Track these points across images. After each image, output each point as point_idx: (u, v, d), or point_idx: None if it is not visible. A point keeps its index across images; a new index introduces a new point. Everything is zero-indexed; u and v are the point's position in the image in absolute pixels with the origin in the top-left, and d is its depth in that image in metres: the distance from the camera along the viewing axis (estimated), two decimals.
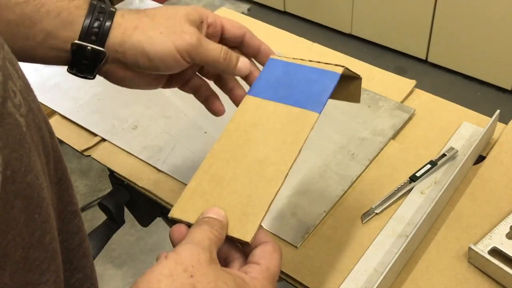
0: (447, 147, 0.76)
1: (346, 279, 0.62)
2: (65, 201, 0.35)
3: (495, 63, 2.06)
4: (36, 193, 0.29)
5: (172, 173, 0.75)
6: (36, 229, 0.29)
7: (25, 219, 0.28)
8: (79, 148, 0.80)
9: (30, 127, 0.30)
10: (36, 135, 0.31)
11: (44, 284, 0.29)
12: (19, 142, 0.28)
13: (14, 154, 0.27)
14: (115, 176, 0.78)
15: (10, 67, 0.30)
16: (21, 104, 0.29)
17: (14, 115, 0.28)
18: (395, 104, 0.83)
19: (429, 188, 0.71)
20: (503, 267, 0.59)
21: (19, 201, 0.27)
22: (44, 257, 0.29)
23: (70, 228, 0.36)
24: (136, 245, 1.71)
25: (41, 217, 0.29)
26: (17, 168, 0.27)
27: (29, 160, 0.28)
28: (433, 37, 2.16)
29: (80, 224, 0.38)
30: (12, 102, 0.28)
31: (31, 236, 0.28)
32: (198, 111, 0.85)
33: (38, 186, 0.29)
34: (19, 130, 0.28)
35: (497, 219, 0.66)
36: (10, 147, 0.27)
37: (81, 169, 1.92)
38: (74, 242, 0.37)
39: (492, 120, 0.75)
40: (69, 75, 0.56)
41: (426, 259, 0.64)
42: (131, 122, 0.84)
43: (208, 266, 0.41)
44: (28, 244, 0.28)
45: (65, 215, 0.35)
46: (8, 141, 0.27)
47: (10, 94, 0.28)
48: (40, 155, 0.31)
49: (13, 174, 0.27)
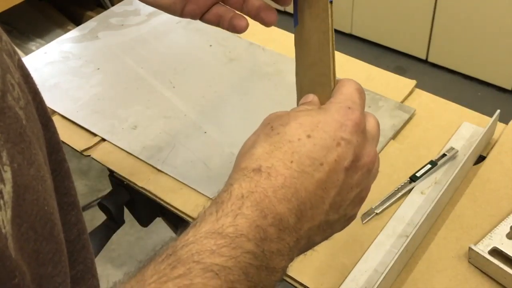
0: (447, 147, 0.76)
1: (346, 279, 0.62)
2: (61, 192, 0.35)
3: (495, 63, 2.06)
4: (40, 185, 0.29)
5: (172, 173, 0.75)
6: (47, 221, 0.28)
7: (37, 212, 0.27)
8: (79, 148, 0.80)
9: (29, 119, 0.30)
10: (36, 126, 0.31)
11: (57, 276, 0.29)
12: (20, 136, 0.28)
13: (17, 148, 0.27)
14: (115, 176, 0.78)
15: (8, 59, 0.30)
16: (20, 97, 0.29)
17: (14, 108, 0.28)
18: (395, 104, 0.83)
19: (429, 188, 0.71)
20: (503, 267, 0.59)
21: (28, 194, 0.27)
22: (56, 249, 0.29)
23: (68, 219, 0.36)
24: (136, 245, 1.71)
25: (49, 209, 0.29)
26: (21, 161, 0.27)
27: (30, 153, 0.28)
28: (433, 37, 2.16)
29: (78, 215, 0.37)
30: (12, 95, 0.28)
31: (43, 229, 0.28)
32: (198, 111, 0.85)
33: (40, 179, 0.29)
34: (19, 123, 0.28)
35: (497, 219, 0.66)
36: (12, 141, 0.27)
37: (81, 169, 1.92)
38: (73, 234, 0.37)
39: (492, 120, 0.75)
40: (68, 74, 0.56)
41: (426, 259, 0.64)
42: (131, 122, 0.83)
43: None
44: (41, 237, 0.28)
45: (62, 205, 0.35)
46: (9, 135, 0.27)
47: (9, 88, 0.28)
48: (41, 146, 0.31)
49: (20, 167, 0.27)
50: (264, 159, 0.39)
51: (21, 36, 2.09)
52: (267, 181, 0.38)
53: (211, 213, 0.37)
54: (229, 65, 0.93)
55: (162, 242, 0.38)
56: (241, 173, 0.39)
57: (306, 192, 0.39)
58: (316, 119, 0.41)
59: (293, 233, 0.38)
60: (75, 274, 0.37)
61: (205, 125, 0.82)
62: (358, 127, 0.41)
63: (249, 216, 0.36)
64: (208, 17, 0.56)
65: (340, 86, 0.45)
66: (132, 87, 0.90)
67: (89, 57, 0.96)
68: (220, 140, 0.79)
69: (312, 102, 0.46)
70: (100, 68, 0.94)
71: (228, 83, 0.89)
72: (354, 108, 0.42)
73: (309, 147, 0.39)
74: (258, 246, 0.36)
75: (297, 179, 0.38)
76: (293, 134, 0.40)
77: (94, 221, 1.74)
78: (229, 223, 0.36)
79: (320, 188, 0.39)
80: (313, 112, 0.42)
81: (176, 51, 0.97)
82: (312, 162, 0.39)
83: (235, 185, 0.38)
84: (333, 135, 0.40)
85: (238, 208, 0.37)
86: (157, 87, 0.89)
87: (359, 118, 0.41)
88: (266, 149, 0.40)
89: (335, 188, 0.40)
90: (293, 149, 0.39)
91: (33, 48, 2.04)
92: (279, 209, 0.37)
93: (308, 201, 0.39)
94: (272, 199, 0.37)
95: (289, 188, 0.38)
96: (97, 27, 1.03)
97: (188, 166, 0.76)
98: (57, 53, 0.97)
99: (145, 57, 0.95)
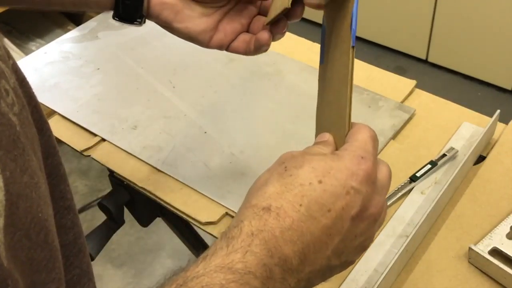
0: (447, 147, 0.76)
1: (346, 279, 0.62)
2: (57, 196, 0.35)
3: (495, 63, 2.06)
4: (34, 192, 0.29)
5: (172, 173, 0.75)
6: (42, 228, 0.29)
7: (31, 219, 0.28)
8: (79, 148, 0.80)
9: (23, 125, 0.30)
10: (30, 131, 0.31)
11: (51, 283, 0.29)
12: (14, 142, 0.28)
13: (9, 155, 0.27)
14: (115, 176, 0.78)
15: (2, 65, 0.30)
16: (14, 102, 0.29)
17: (7, 114, 0.28)
18: (395, 104, 0.83)
19: (429, 188, 0.71)
20: (503, 267, 0.59)
21: (22, 201, 0.27)
22: (50, 256, 0.29)
23: (64, 223, 0.36)
24: (136, 245, 1.71)
25: (43, 215, 0.29)
26: (13, 169, 0.27)
27: (24, 160, 0.28)
28: (433, 37, 2.16)
29: (74, 219, 0.38)
30: (5, 101, 0.28)
31: (37, 236, 0.28)
32: (198, 111, 0.85)
33: (34, 185, 0.29)
34: (13, 130, 0.28)
35: (497, 219, 0.66)
36: (5, 148, 0.27)
37: (80, 169, 1.92)
38: (69, 238, 0.37)
39: (492, 120, 0.75)
40: (68, 74, 0.56)
41: (426, 259, 0.64)
42: (131, 122, 0.83)
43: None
44: (35, 244, 0.28)
45: (57, 210, 0.35)
46: (2, 142, 0.27)
47: (3, 94, 0.28)
48: (36, 152, 0.31)
49: (12, 175, 0.27)
50: (274, 199, 0.40)
51: (21, 36, 2.09)
52: (275, 221, 0.39)
53: (222, 248, 0.38)
54: (229, 65, 0.93)
55: (162, 242, 0.38)
56: (252, 210, 0.40)
57: (312, 236, 0.40)
58: (329, 165, 0.41)
59: (295, 274, 0.39)
60: (71, 278, 0.37)
61: (205, 125, 0.82)
62: (369, 177, 0.42)
63: (258, 254, 0.37)
64: (236, 44, 0.57)
65: (355, 132, 0.45)
66: (132, 87, 0.90)
67: (89, 57, 0.96)
68: (220, 140, 0.79)
69: (327, 142, 0.47)
70: (100, 68, 0.94)
71: (228, 83, 0.89)
72: (367, 157, 0.42)
73: (319, 193, 0.40)
74: (264, 284, 0.37)
75: (304, 222, 0.39)
76: (305, 177, 0.41)
77: (94, 221, 1.75)
78: (239, 259, 0.37)
79: (325, 234, 0.40)
80: (327, 158, 0.42)
81: (176, 51, 0.97)
82: (320, 208, 0.40)
83: (245, 222, 0.39)
84: (344, 183, 0.41)
85: (247, 245, 0.38)
86: (157, 87, 0.89)
87: (371, 168, 0.42)
88: (277, 189, 0.41)
89: (339, 235, 0.41)
90: (304, 192, 0.40)
91: (33, 48, 2.04)
92: (285, 250, 0.38)
93: (312, 245, 0.40)
94: (279, 239, 0.38)
95: (296, 231, 0.39)
96: (97, 27, 1.03)
97: (188, 166, 0.76)
98: (57, 53, 0.97)
99: (145, 57, 0.95)
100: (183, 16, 0.55)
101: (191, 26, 0.56)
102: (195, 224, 0.71)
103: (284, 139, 0.79)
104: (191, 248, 1.05)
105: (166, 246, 1.68)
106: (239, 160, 0.76)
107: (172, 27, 0.56)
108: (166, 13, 0.55)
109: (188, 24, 0.56)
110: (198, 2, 0.55)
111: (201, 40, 0.57)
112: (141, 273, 1.63)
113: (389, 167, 0.46)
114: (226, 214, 0.70)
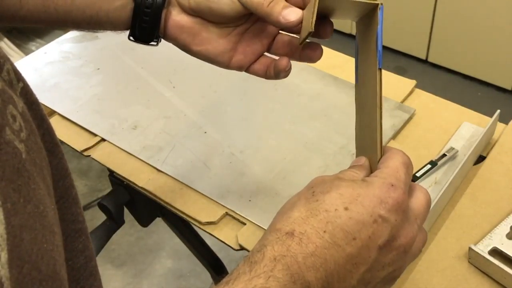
0: (447, 147, 0.76)
1: None
2: (68, 219, 0.35)
3: (495, 63, 2.06)
4: (38, 222, 0.28)
5: (172, 173, 0.75)
6: (50, 259, 0.28)
7: (37, 250, 0.27)
8: (79, 148, 0.80)
9: (31, 151, 0.29)
10: (39, 156, 0.30)
11: None
12: (18, 172, 0.27)
13: (12, 185, 0.26)
14: (115, 176, 0.78)
15: (9, 90, 0.29)
16: (21, 128, 0.28)
17: (13, 142, 0.27)
18: (395, 104, 0.83)
19: (429, 188, 0.71)
20: (503, 267, 0.59)
21: (26, 233, 0.26)
22: (59, 286, 0.28)
23: (75, 247, 0.36)
24: (136, 245, 1.71)
25: (48, 246, 0.28)
26: (16, 200, 0.26)
27: (28, 189, 0.27)
28: (433, 37, 2.16)
29: (86, 242, 0.37)
30: (11, 128, 0.27)
31: (47, 267, 0.27)
32: (198, 111, 0.85)
33: (39, 215, 0.28)
34: (17, 158, 0.27)
35: (497, 219, 0.66)
36: (8, 178, 0.26)
37: (80, 169, 1.92)
38: (80, 261, 0.36)
39: (492, 120, 0.75)
40: (68, 74, 0.56)
41: (426, 259, 0.64)
42: (131, 122, 0.83)
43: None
44: (46, 276, 0.27)
45: (69, 233, 0.35)
46: (5, 172, 0.26)
47: (9, 120, 0.27)
48: (45, 177, 0.30)
49: (14, 206, 0.26)
50: (298, 224, 0.40)
51: (21, 36, 2.09)
52: (298, 247, 0.39)
53: (245, 272, 0.38)
54: None
55: (162, 242, 0.38)
56: (275, 235, 0.40)
57: (336, 264, 0.39)
58: (356, 192, 0.41)
59: None
60: None
61: (205, 125, 0.82)
62: (398, 206, 0.41)
63: (281, 279, 0.37)
64: (257, 67, 0.56)
65: (387, 158, 0.45)
66: (132, 87, 0.90)
67: (89, 57, 0.96)
68: (220, 140, 0.79)
69: (362, 167, 0.46)
70: (100, 68, 0.94)
71: (228, 83, 0.89)
72: (397, 186, 0.41)
73: (344, 220, 0.40)
74: None
75: (328, 249, 0.39)
76: (331, 203, 0.40)
77: (94, 221, 1.74)
78: (261, 284, 0.37)
79: (349, 262, 0.39)
80: (356, 184, 0.42)
81: (176, 51, 0.96)
82: (345, 236, 0.39)
83: (268, 247, 0.39)
84: (371, 211, 0.40)
85: (270, 270, 0.37)
86: (157, 87, 0.89)
87: (401, 197, 0.41)
88: (302, 214, 0.40)
89: (365, 264, 0.40)
90: (328, 219, 0.40)
91: (33, 48, 2.04)
92: (307, 276, 0.38)
93: (336, 273, 0.39)
94: (302, 265, 0.38)
95: (319, 258, 0.39)
96: None
97: (188, 166, 0.76)
98: (57, 53, 0.97)
99: (145, 57, 0.95)
100: (201, 38, 0.55)
101: (210, 48, 0.55)
102: (195, 224, 0.71)
103: (284, 139, 0.79)
104: (191, 248, 1.05)
105: (166, 246, 1.68)
106: (239, 160, 0.76)
107: (191, 50, 0.56)
108: (183, 36, 0.55)
109: (207, 47, 0.55)
110: (214, 23, 0.54)
111: (221, 61, 0.56)
112: (141, 273, 1.63)
113: (428, 194, 0.45)
114: (226, 214, 0.70)
